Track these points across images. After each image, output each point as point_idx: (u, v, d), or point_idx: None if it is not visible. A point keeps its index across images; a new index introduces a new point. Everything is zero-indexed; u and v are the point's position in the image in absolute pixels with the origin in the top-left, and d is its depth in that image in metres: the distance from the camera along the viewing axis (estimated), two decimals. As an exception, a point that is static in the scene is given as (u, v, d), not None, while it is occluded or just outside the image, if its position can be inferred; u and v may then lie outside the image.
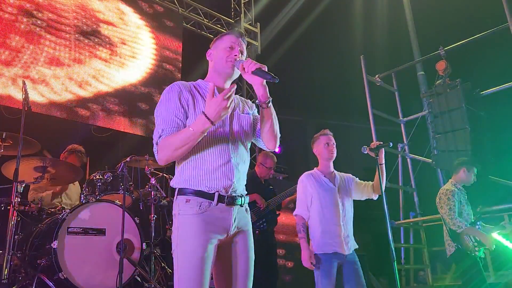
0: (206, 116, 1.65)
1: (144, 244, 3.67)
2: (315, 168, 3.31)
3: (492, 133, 5.84)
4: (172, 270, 4.28)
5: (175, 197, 1.82)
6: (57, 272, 3.17)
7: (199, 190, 1.76)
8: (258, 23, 8.71)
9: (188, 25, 7.83)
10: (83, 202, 3.61)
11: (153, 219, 4.17)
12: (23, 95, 3.29)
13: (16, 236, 3.24)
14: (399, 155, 6.52)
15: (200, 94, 1.88)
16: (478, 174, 4.16)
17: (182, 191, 1.79)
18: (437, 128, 5.86)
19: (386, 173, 3.21)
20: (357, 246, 3.15)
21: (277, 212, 4.51)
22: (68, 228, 3.32)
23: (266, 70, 1.77)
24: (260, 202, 4.28)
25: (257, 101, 1.86)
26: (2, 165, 3.46)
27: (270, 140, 1.92)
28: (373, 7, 8.74)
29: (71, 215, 3.38)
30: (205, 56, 2.02)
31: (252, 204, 4.25)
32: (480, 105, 5.88)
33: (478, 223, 3.93)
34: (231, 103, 1.66)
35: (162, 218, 4.46)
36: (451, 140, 5.61)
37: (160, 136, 1.77)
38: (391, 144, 3.08)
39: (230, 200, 1.78)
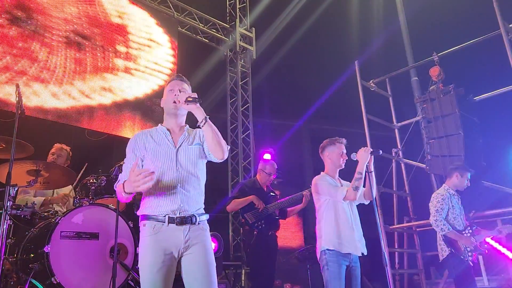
0: (123, 189, 2.09)
1: (137, 248, 3.65)
2: (323, 172, 3.33)
3: (485, 139, 5.88)
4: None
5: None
6: (49, 277, 3.14)
7: (152, 215, 2.13)
8: (254, 28, 8.74)
9: (183, 30, 7.85)
10: (77, 206, 3.59)
11: (147, 224, 4.14)
12: (17, 98, 3.27)
13: (8, 240, 3.21)
14: (393, 160, 6.55)
15: (153, 138, 2.27)
16: (471, 179, 4.19)
17: (141, 218, 2.18)
18: (431, 134, 5.89)
19: (380, 178, 3.28)
20: (365, 250, 3.18)
21: (277, 217, 4.55)
22: (61, 232, 3.29)
23: (195, 96, 2.15)
24: (257, 203, 4.36)
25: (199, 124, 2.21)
26: (-5, 168, 3.43)
27: (215, 151, 2.20)
28: (368, 13, 8.82)
29: (64, 219, 3.35)
30: (201, 61, 2.20)
31: (250, 205, 4.39)
32: (473, 111, 5.93)
33: (472, 227, 3.95)
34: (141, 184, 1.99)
35: (156, 223, 4.43)
36: (444, 145, 5.64)
37: (118, 181, 2.21)
38: (380, 151, 3.16)
39: (179, 220, 2.11)
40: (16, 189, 3.30)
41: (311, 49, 9.23)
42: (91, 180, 3.79)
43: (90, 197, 3.70)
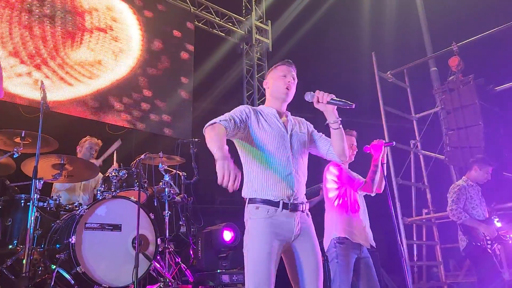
0: (217, 156, 1.80)
1: (159, 239, 3.75)
2: (333, 162, 3.33)
3: (507, 129, 5.77)
4: (187, 265, 4.35)
5: (246, 205, 2.10)
6: (75, 266, 3.27)
7: (267, 199, 2.04)
8: (269, 21, 8.73)
9: (200, 24, 7.89)
10: (100, 198, 3.70)
11: (167, 215, 4.24)
12: (41, 95, 3.37)
13: (35, 232, 3.34)
14: (412, 152, 6.50)
15: (264, 118, 2.20)
16: (492, 171, 4.15)
17: (252, 200, 2.08)
18: (450, 125, 5.81)
19: (398, 170, 3.27)
20: (373, 243, 3.18)
21: None
22: (85, 223, 3.41)
23: (336, 98, 2.13)
24: None
25: (329, 122, 2.23)
26: (22, 162, 3.56)
27: (341, 154, 2.27)
28: (384, 2, 8.68)
29: (88, 211, 3.47)
30: (216, 54, 2.17)
31: None
32: (494, 101, 5.81)
33: (493, 219, 3.93)
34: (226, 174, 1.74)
35: (176, 214, 4.52)
36: (464, 136, 5.56)
37: (214, 122, 2.00)
38: (393, 143, 3.16)
39: (293, 207, 2.06)
40: (42, 182, 3.42)
41: (327, 40, 9.14)
42: (113, 173, 3.90)
43: (112, 190, 3.81)
